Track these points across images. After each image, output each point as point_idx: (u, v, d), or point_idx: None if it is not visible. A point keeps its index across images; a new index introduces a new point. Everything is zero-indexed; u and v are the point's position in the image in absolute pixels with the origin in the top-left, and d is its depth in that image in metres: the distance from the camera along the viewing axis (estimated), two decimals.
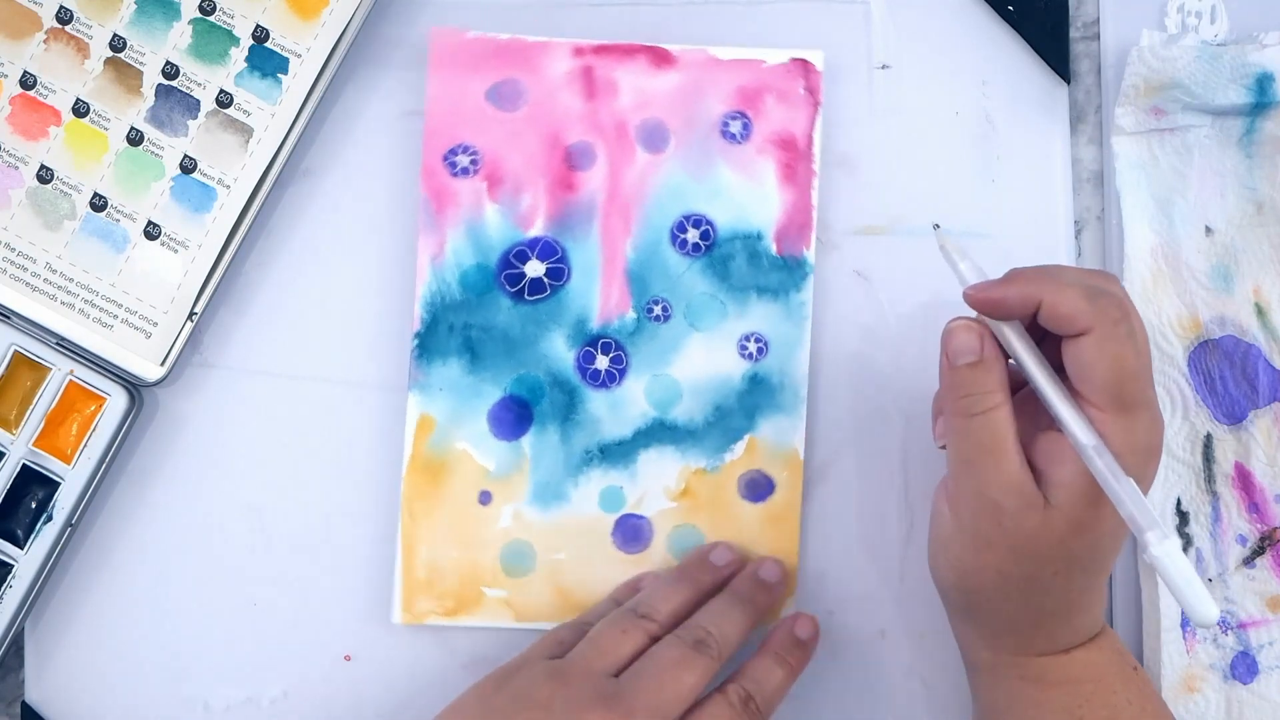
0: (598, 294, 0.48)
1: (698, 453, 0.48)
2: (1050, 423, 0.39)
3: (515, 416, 0.48)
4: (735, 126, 0.48)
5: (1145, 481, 0.39)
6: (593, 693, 0.40)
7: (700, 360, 0.48)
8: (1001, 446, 0.39)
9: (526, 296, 0.48)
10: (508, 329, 0.48)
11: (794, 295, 0.48)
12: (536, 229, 0.48)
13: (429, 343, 0.47)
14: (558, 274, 0.48)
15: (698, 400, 0.48)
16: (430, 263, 0.48)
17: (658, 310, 0.48)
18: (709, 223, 0.48)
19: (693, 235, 0.48)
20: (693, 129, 0.48)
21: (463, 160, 0.48)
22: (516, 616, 0.48)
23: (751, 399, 0.48)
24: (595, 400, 0.48)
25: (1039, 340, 0.40)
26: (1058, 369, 0.39)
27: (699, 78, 0.48)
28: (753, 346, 0.48)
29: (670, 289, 0.48)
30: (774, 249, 0.48)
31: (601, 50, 0.48)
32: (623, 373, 0.48)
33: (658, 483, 0.48)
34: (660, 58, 0.48)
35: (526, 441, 0.48)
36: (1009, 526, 0.39)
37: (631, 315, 0.48)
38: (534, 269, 0.48)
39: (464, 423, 0.48)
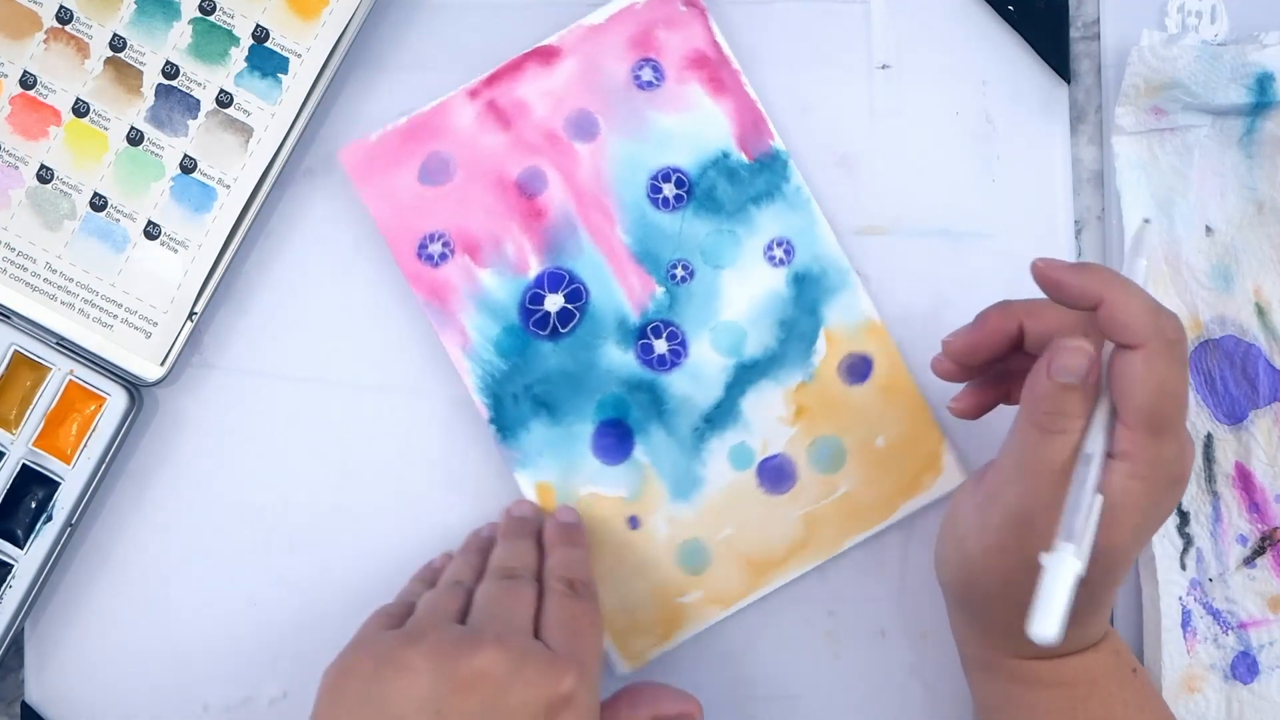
0: (621, 291, 0.48)
1: (789, 371, 0.48)
2: None
3: (616, 438, 0.48)
4: (647, 74, 0.48)
5: (1163, 511, 0.39)
6: (455, 636, 0.39)
7: (742, 293, 0.48)
8: (1062, 470, 0.38)
9: (561, 330, 0.48)
10: (563, 368, 0.48)
11: (786, 186, 0.48)
12: (534, 268, 0.48)
13: (504, 421, 0.48)
14: (576, 295, 0.48)
15: (761, 328, 0.48)
16: (463, 353, 0.48)
17: (680, 272, 0.48)
18: (676, 170, 0.48)
19: (669, 189, 0.48)
20: (613, 99, 0.48)
21: (435, 249, 0.48)
22: (723, 606, 0.48)
23: (806, 297, 0.48)
24: (675, 382, 0.48)
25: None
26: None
27: (589, 52, 0.48)
28: (779, 252, 0.48)
29: (678, 247, 0.48)
30: (745, 157, 0.48)
31: (492, 80, 0.48)
32: (684, 345, 0.48)
33: (771, 417, 0.48)
34: (546, 55, 0.48)
35: (639, 453, 0.48)
36: (1031, 541, 0.38)
37: (660, 291, 0.48)
38: (554, 303, 0.48)
39: (576, 470, 0.48)
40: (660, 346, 0.48)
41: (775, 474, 0.48)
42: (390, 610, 0.44)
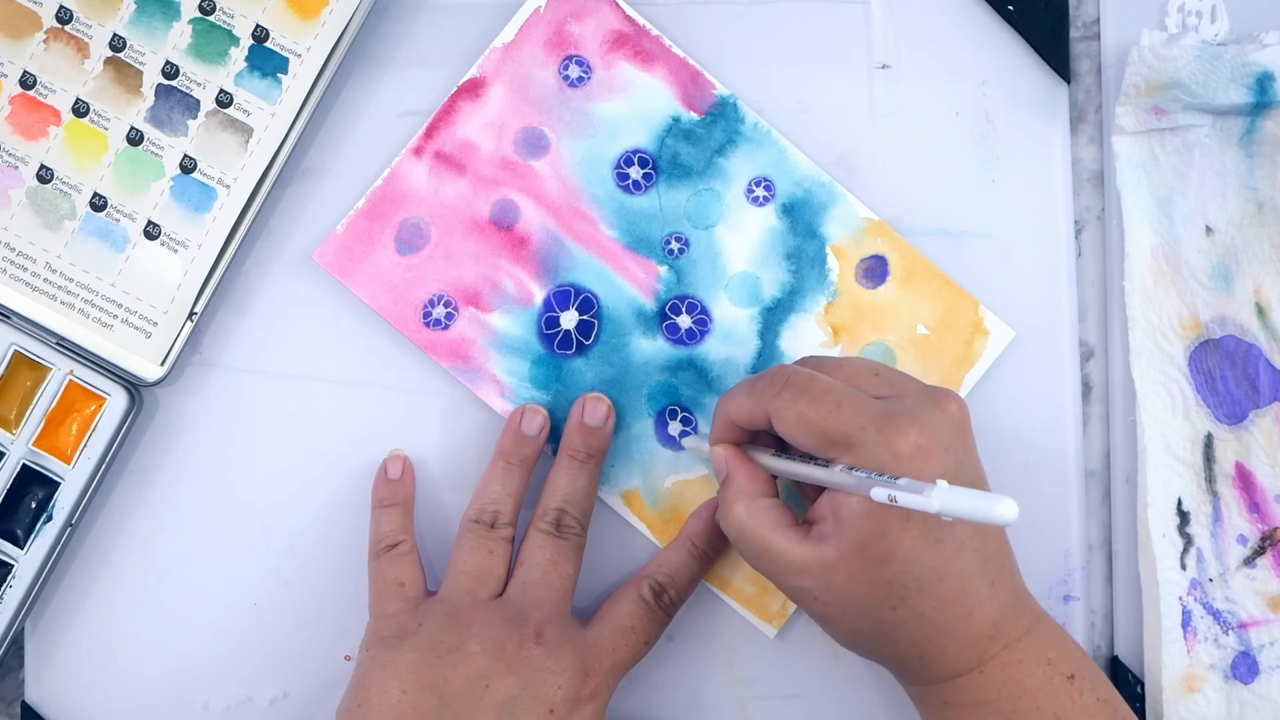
0: (627, 284, 0.48)
1: (812, 297, 0.49)
2: (814, 493, 0.42)
3: (679, 421, 0.48)
4: (574, 70, 0.48)
5: (954, 473, 0.39)
6: (499, 621, 0.43)
7: (740, 243, 0.49)
8: (763, 540, 0.41)
9: (585, 342, 0.48)
10: (601, 376, 0.48)
11: (744, 127, 0.49)
12: (538, 294, 0.48)
13: None
14: (587, 305, 0.48)
15: (771, 267, 0.49)
16: (505, 400, 0.48)
17: (675, 246, 0.48)
18: (636, 151, 0.48)
19: (636, 172, 0.48)
20: (550, 107, 0.48)
21: (439, 312, 0.48)
22: None
23: (801, 222, 0.49)
24: (711, 349, 0.48)
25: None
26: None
27: (511, 71, 0.48)
28: (760, 191, 0.49)
29: (664, 223, 0.48)
30: (695, 115, 0.48)
31: (430, 131, 0.48)
32: (706, 311, 0.48)
33: (813, 346, 0.49)
34: (472, 89, 0.48)
35: (704, 428, 0.48)
36: (825, 599, 0.40)
37: (664, 270, 0.48)
38: (569, 320, 0.48)
39: (652, 467, 0.48)
40: (684, 321, 0.48)
41: None
42: (394, 576, 0.45)
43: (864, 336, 0.49)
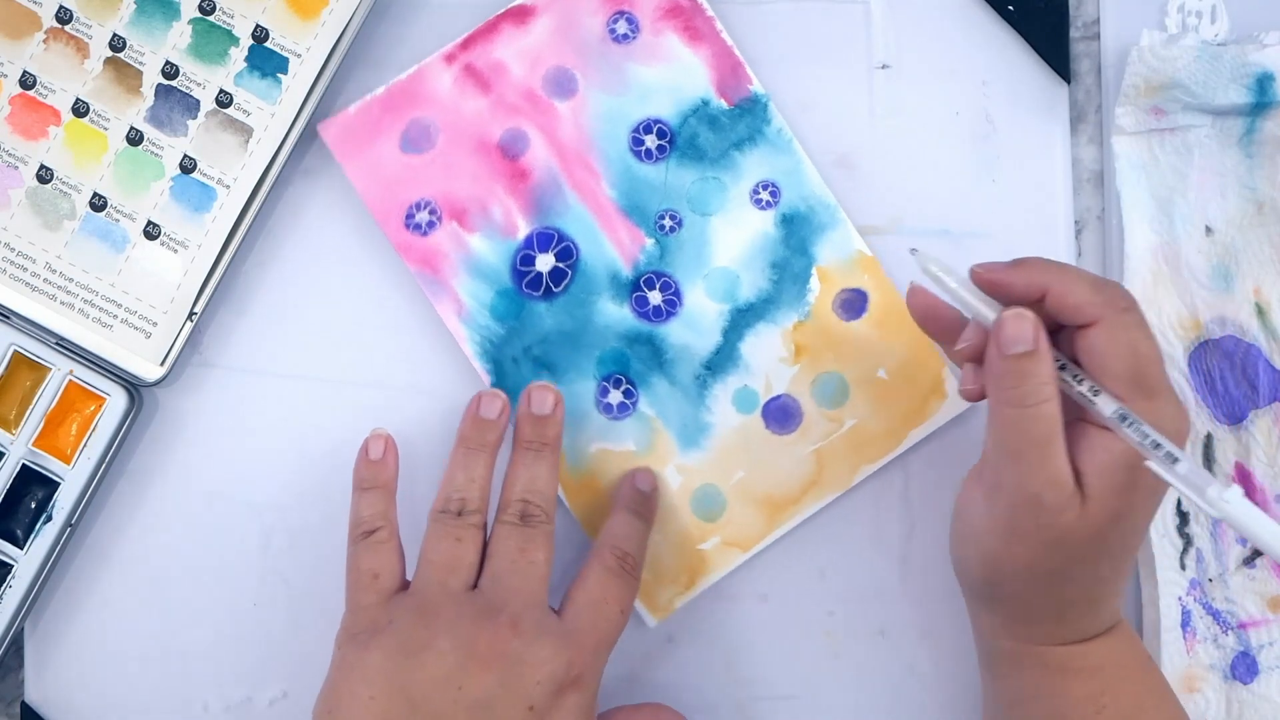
0: (611, 246, 0.48)
1: (785, 311, 0.48)
2: (1075, 415, 0.39)
3: (620, 393, 0.48)
4: (622, 27, 0.48)
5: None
6: (470, 614, 0.41)
7: (732, 238, 0.49)
8: (1052, 440, 0.38)
9: (555, 289, 0.48)
10: (560, 327, 0.48)
11: (768, 129, 0.48)
12: (523, 229, 0.48)
13: (507, 384, 0.48)
14: (567, 253, 0.48)
15: (753, 271, 0.48)
16: (459, 320, 0.48)
17: (668, 223, 0.48)
18: (658, 121, 0.48)
19: (652, 141, 0.48)
20: (589, 54, 0.48)
21: (423, 217, 0.48)
22: (743, 549, 0.48)
23: (796, 236, 0.48)
24: (673, 331, 0.48)
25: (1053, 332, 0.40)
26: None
27: (563, 8, 0.48)
28: (765, 195, 0.48)
29: (665, 198, 0.48)
30: (725, 104, 0.48)
31: (468, 43, 0.48)
32: (678, 294, 0.48)
33: (771, 359, 0.48)
34: (520, 15, 0.48)
35: (644, 405, 0.48)
36: (1046, 521, 0.38)
37: (650, 243, 0.48)
38: (545, 263, 0.48)
39: (583, 428, 0.48)
40: (655, 298, 0.48)
41: (781, 414, 0.48)
42: (369, 566, 0.44)
43: (824, 364, 0.48)
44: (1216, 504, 0.35)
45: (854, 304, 0.49)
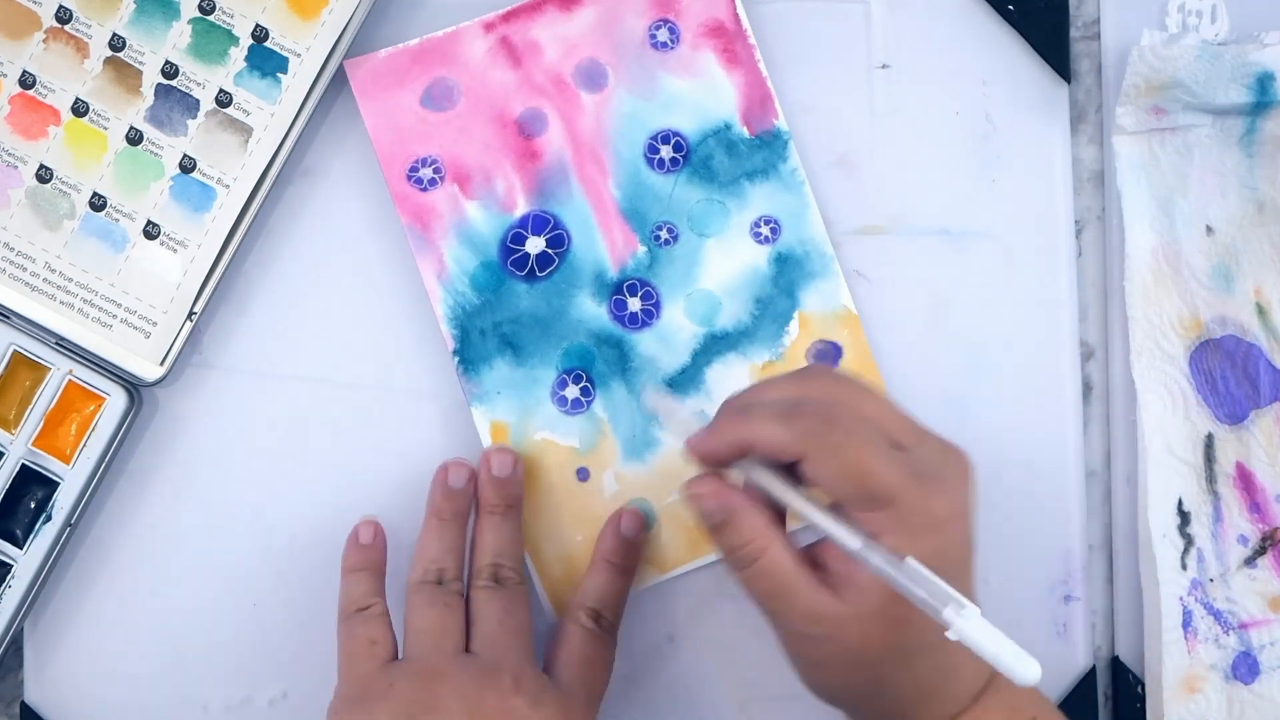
0: (603, 243, 0.48)
1: (759, 348, 0.48)
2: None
3: (577, 388, 0.48)
4: (663, 34, 0.48)
5: (956, 546, 0.38)
6: (473, 675, 0.42)
7: (723, 264, 0.48)
8: (787, 586, 0.38)
9: (538, 273, 0.48)
10: (535, 311, 0.48)
11: (783, 167, 0.48)
12: (521, 208, 0.48)
13: (469, 354, 0.48)
14: (558, 241, 0.48)
15: (737, 301, 0.48)
16: (438, 281, 0.48)
17: (664, 235, 0.48)
18: (676, 134, 0.48)
19: (667, 152, 0.48)
20: (625, 54, 0.48)
21: (426, 173, 0.48)
22: (660, 570, 0.48)
23: (785, 277, 0.48)
24: (643, 341, 0.48)
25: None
26: None
27: (610, 4, 0.48)
28: (765, 230, 0.48)
29: (667, 210, 0.48)
30: (746, 132, 0.48)
31: (509, 16, 0.48)
32: (658, 306, 0.48)
33: (733, 389, 0.48)
34: (567, 1, 0.48)
35: (598, 407, 0.48)
36: (830, 649, 0.39)
37: (642, 250, 0.48)
38: (535, 245, 0.48)
39: (533, 413, 0.48)
40: (634, 304, 0.48)
41: None
42: (365, 634, 0.44)
43: None
44: (953, 623, 0.35)
45: (827, 355, 0.48)
